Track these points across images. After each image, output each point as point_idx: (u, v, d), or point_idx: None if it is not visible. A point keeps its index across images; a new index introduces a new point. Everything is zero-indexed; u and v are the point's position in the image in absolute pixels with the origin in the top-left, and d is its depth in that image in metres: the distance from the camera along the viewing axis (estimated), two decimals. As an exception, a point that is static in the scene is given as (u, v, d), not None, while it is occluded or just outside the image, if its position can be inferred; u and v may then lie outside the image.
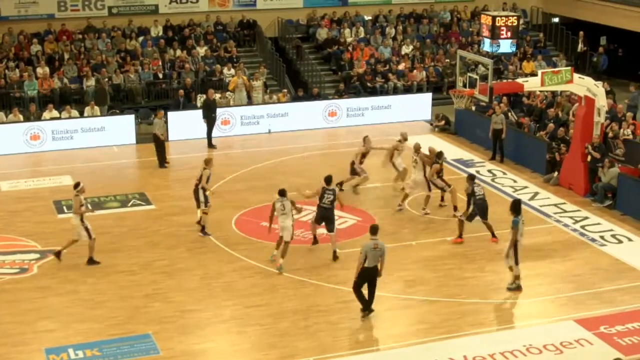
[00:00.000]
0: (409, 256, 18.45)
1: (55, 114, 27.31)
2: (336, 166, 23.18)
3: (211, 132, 26.96)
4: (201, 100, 28.51)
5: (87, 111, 27.52)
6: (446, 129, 28.42)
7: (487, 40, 24.01)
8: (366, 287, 15.53)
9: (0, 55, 30.04)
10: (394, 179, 22.39)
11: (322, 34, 34.14)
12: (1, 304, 16.25)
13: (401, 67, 32.72)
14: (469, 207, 18.89)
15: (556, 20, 37.46)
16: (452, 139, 27.56)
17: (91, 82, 29.34)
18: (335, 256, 18.10)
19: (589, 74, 26.98)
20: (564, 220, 20.68)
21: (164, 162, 24.85)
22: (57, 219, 20.67)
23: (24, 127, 26.41)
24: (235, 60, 31.70)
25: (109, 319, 15.59)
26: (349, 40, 33.89)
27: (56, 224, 20.35)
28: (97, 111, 27.56)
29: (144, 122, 28.36)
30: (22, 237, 19.34)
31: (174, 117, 27.62)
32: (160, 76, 30.49)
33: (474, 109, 26.78)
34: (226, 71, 30.85)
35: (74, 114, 27.44)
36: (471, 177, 19.10)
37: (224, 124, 28.07)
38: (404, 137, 22.39)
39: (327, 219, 18.14)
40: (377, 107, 29.83)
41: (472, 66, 27.77)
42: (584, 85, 22.01)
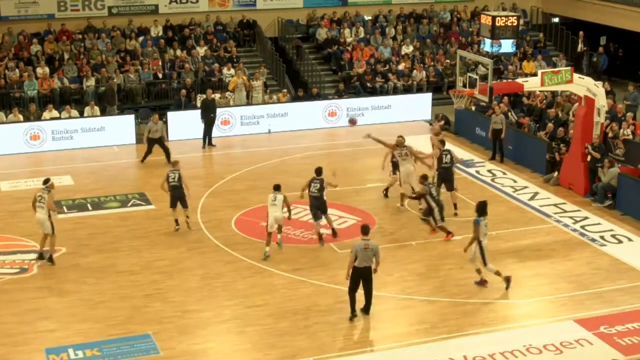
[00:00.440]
0: (409, 256, 18.45)
1: (55, 114, 27.31)
2: (336, 166, 23.06)
3: (209, 132, 26.93)
4: (201, 100, 28.51)
5: (87, 111, 27.53)
6: (446, 128, 28.38)
7: (488, 40, 24.02)
8: (362, 288, 15.49)
9: (0, 55, 30.05)
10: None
11: (322, 34, 34.13)
12: (1, 304, 16.25)
13: (401, 67, 32.72)
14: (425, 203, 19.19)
15: (556, 20, 37.46)
16: (452, 139, 27.49)
17: (91, 82, 29.35)
18: (334, 232, 19.33)
19: (589, 74, 27.03)
20: (564, 220, 20.67)
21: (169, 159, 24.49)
22: (56, 219, 20.62)
23: (24, 127, 26.41)
24: (235, 60, 31.70)
25: (109, 319, 15.59)
26: (349, 40, 33.88)
27: (56, 224, 20.31)
28: (97, 111, 27.56)
29: (143, 122, 28.34)
30: (22, 237, 19.33)
31: (173, 117, 27.65)
32: (160, 76, 30.49)
33: (473, 109, 26.79)
34: (226, 71, 30.85)
35: (74, 114, 27.44)
36: (424, 177, 19.17)
37: (224, 124, 28.06)
38: (399, 141, 21.46)
39: (319, 207, 18.99)
40: (377, 107, 29.81)
41: (472, 66, 27.83)
42: (584, 85, 22.01)
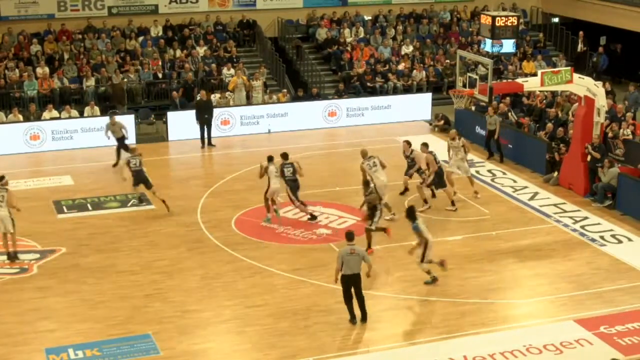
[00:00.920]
0: (408, 256, 18.41)
1: (55, 114, 27.29)
2: (335, 166, 23.26)
3: (207, 132, 26.82)
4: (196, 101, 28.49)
5: (87, 111, 27.51)
6: (446, 128, 28.38)
7: (489, 40, 24.00)
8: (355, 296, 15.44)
9: (0, 55, 30.04)
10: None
11: (322, 34, 34.13)
12: (1, 304, 16.24)
13: (401, 67, 32.71)
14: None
15: (556, 20, 37.44)
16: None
17: (91, 82, 29.33)
18: (313, 216, 20.28)
19: (588, 74, 27.00)
20: (564, 220, 20.66)
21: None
22: (56, 219, 20.68)
23: (23, 127, 26.40)
24: (235, 60, 31.69)
25: (109, 319, 15.59)
26: (349, 40, 33.87)
27: (56, 224, 20.37)
28: (97, 111, 27.54)
29: (143, 122, 28.38)
30: (22, 237, 19.31)
31: (173, 117, 27.64)
32: (160, 76, 30.48)
33: (473, 109, 26.78)
34: (226, 71, 30.84)
35: (74, 114, 27.42)
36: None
37: (224, 124, 28.05)
38: (363, 153, 20.60)
39: (298, 187, 19.99)
40: (377, 107, 29.78)
41: (472, 66, 27.80)
42: (583, 85, 22.00)
